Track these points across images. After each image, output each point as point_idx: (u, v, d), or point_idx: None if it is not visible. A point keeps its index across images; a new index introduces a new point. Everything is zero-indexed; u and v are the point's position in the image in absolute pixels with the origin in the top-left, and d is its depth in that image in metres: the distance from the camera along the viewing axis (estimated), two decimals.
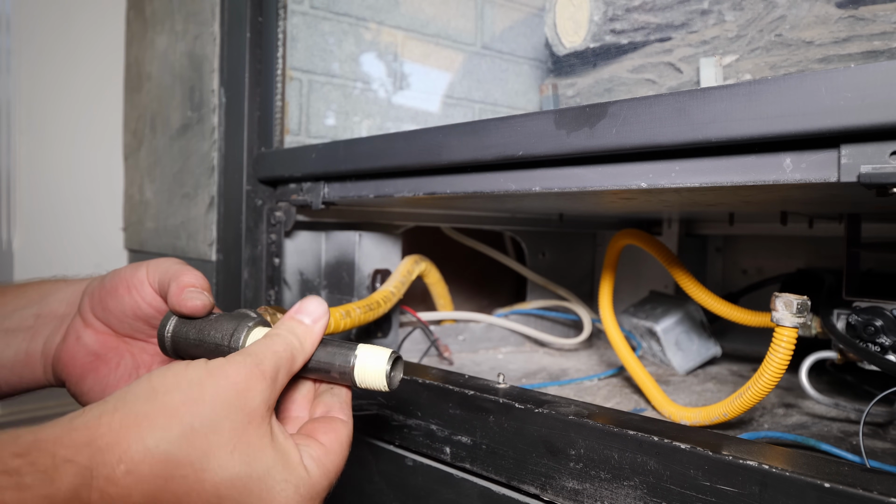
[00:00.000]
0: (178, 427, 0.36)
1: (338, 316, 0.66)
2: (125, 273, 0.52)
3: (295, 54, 0.91)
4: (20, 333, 0.54)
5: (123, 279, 0.52)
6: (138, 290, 0.51)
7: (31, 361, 0.54)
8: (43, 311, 0.55)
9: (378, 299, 0.75)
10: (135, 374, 0.54)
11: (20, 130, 1.14)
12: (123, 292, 0.51)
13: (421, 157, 0.62)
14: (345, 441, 0.44)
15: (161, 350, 0.50)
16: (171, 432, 0.36)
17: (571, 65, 0.79)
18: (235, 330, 0.46)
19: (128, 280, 0.51)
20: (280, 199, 0.85)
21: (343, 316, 0.67)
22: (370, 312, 0.73)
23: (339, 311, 0.67)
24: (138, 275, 0.51)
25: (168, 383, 0.38)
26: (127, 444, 0.35)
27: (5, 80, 1.16)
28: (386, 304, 0.76)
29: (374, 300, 0.75)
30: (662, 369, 0.91)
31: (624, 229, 0.76)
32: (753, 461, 0.40)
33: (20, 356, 0.54)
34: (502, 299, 1.22)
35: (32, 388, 0.56)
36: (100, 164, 1.22)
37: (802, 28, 0.60)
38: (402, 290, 0.82)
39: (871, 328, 0.60)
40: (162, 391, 0.37)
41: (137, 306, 0.52)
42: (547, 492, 0.50)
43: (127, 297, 0.51)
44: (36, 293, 0.56)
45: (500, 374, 0.60)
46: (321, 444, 0.42)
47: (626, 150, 0.47)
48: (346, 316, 0.67)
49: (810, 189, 0.45)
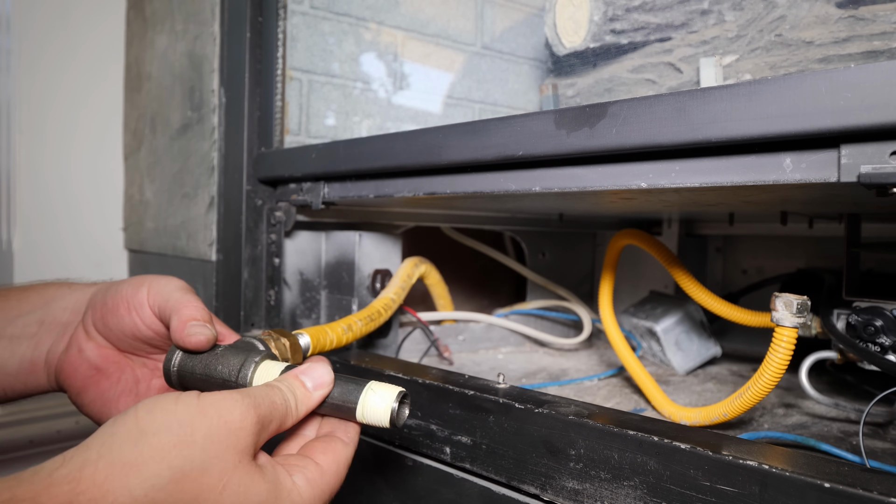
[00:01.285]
0: (168, 472, 0.35)
1: (339, 331, 0.66)
2: (126, 292, 0.51)
3: (295, 54, 0.91)
4: (24, 341, 0.54)
5: (124, 298, 0.51)
6: (138, 311, 0.51)
7: (35, 370, 0.54)
8: (46, 317, 0.54)
9: (379, 308, 0.75)
10: (135, 388, 0.54)
11: (20, 130, 1.14)
12: (124, 312, 0.51)
13: (421, 157, 0.62)
14: (342, 462, 0.43)
15: (167, 383, 0.49)
16: (159, 479, 0.34)
17: (571, 65, 0.79)
18: (243, 366, 0.46)
19: (128, 300, 0.51)
20: (280, 199, 0.85)
21: (345, 331, 0.67)
22: (371, 323, 0.73)
23: (340, 325, 0.67)
24: (139, 296, 0.51)
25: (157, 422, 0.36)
26: (113, 496, 0.33)
27: (5, 80, 1.16)
28: (386, 313, 0.76)
29: (375, 309, 0.75)
30: (662, 369, 0.91)
31: (624, 229, 0.76)
32: (753, 461, 0.40)
33: (24, 364, 0.54)
34: (502, 299, 1.22)
35: (37, 394, 0.56)
36: (100, 164, 1.22)
37: (802, 28, 0.60)
38: (402, 295, 0.81)
39: (871, 328, 0.60)
40: (150, 432, 0.35)
41: (137, 328, 0.51)
42: (547, 492, 0.50)
43: (127, 318, 0.51)
44: (39, 298, 0.55)
45: (500, 374, 0.60)
46: (317, 464, 0.42)
47: (626, 150, 0.47)
48: (347, 331, 0.67)
49: (810, 189, 0.45)
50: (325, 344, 0.63)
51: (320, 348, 0.62)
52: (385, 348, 0.86)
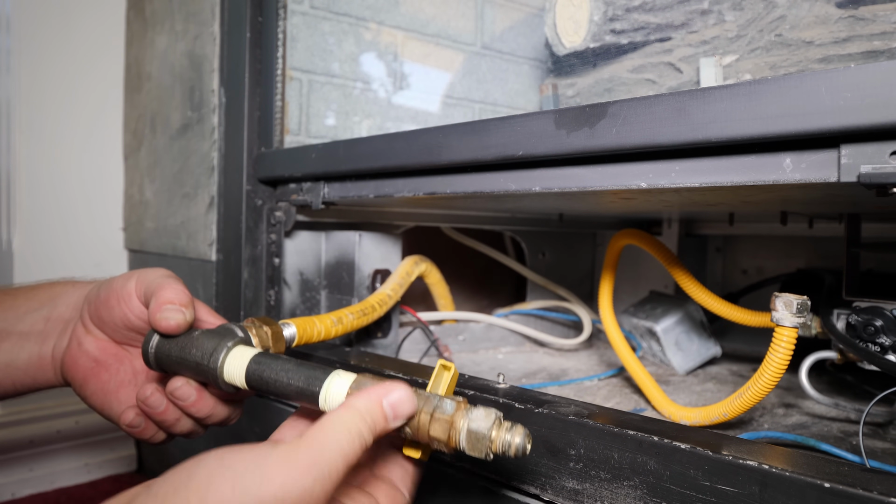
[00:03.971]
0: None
1: (328, 323, 0.65)
2: (117, 284, 0.53)
3: (295, 54, 0.91)
4: (32, 337, 0.55)
5: (115, 290, 0.52)
6: (126, 302, 0.52)
7: (42, 365, 0.55)
8: (52, 314, 0.56)
9: (373, 303, 0.75)
10: (133, 380, 0.55)
11: (20, 130, 1.14)
12: (114, 303, 0.52)
13: (421, 157, 0.62)
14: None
15: (145, 364, 0.51)
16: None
17: (571, 65, 0.79)
18: (215, 350, 0.47)
19: (118, 291, 0.52)
20: (280, 199, 0.85)
21: (335, 323, 0.66)
22: (364, 318, 0.72)
23: (330, 317, 0.66)
24: (127, 287, 0.52)
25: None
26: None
27: (5, 80, 1.16)
28: (382, 308, 0.76)
29: (370, 304, 0.74)
30: (662, 369, 0.91)
31: (624, 229, 0.76)
32: (753, 461, 0.40)
33: (33, 359, 0.55)
34: (502, 299, 1.22)
35: (44, 388, 0.57)
36: (100, 164, 1.22)
37: (802, 28, 0.60)
38: (399, 292, 0.81)
39: (871, 328, 0.60)
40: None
41: (127, 318, 0.53)
42: (547, 492, 0.50)
43: (117, 309, 0.52)
44: (46, 295, 0.57)
45: (500, 374, 0.60)
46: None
47: (626, 150, 0.47)
48: (337, 323, 0.67)
49: (810, 189, 0.45)
50: (311, 335, 0.63)
51: (307, 339, 0.62)
52: (385, 348, 0.86)
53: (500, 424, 0.40)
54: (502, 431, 0.40)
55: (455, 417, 0.40)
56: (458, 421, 0.40)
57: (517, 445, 0.39)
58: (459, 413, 0.40)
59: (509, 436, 0.39)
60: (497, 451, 0.40)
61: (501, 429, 0.40)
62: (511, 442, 0.39)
